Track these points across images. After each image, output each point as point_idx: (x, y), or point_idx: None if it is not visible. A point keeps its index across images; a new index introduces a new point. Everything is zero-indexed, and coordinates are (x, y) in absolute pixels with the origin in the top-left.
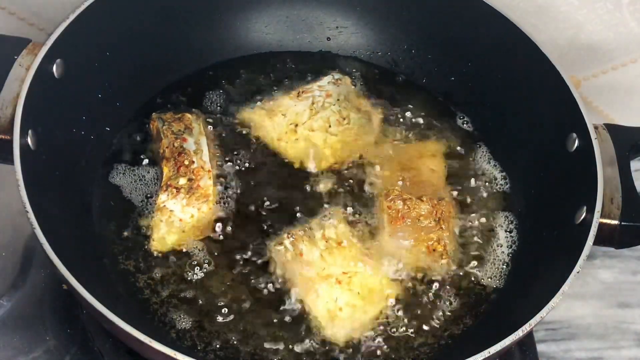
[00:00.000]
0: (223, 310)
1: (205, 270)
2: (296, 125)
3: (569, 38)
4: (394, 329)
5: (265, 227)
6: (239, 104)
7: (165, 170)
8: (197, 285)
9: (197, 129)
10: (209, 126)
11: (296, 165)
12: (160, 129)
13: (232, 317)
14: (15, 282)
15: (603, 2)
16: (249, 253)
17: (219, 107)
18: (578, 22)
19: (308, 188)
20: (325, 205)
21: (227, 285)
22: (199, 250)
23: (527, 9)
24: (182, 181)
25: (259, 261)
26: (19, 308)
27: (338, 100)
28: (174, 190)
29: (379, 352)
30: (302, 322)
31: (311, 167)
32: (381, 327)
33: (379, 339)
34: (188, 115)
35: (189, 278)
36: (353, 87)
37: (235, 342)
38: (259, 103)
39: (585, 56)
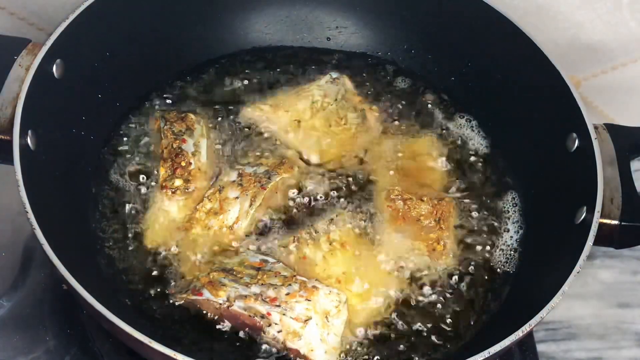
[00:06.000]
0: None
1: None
2: (299, 122)
3: (569, 38)
4: (393, 329)
5: (268, 228)
6: (239, 103)
7: (162, 170)
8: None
9: (198, 130)
10: (212, 127)
11: (300, 157)
12: (161, 129)
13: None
14: (15, 283)
15: (603, 2)
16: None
17: (219, 107)
18: (578, 22)
19: (311, 188)
20: (328, 207)
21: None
22: None
23: (527, 9)
24: (178, 182)
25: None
26: (19, 308)
27: (336, 100)
28: (169, 191)
29: (378, 351)
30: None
31: (314, 159)
32: (380, 327)
33: (378, 338)
34: (191, 115)
35: (189, 274)
36: (351, 86)
37: (234, 341)
38: (260, 104)
39: (585, 56)
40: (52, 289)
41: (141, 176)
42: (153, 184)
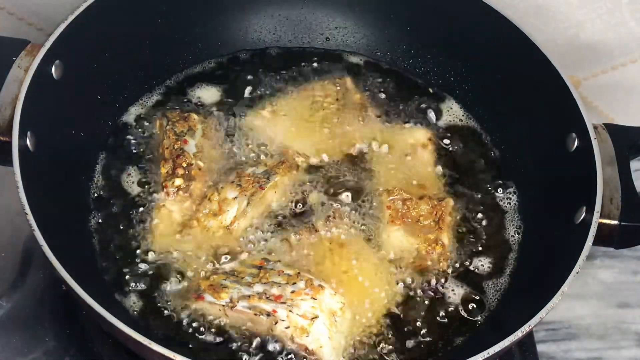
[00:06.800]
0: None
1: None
2: (299, 122)
3: (569, 38)
4: (393, 328)
5: (266, 228)
6: (239, 105)
7: (163, 170)
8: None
9: (200, 131)
10: (213, 128)
11: (300, 157)
12: (163, 128)
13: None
14: (14, 283)
15: (603, 2)
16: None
17: (219, 108)
18: (578, 22)
19: (311, 188)
20: (327, 207)
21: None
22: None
23: (527, 9)
24: (179, 182)
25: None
26: (18, 309)
27: (337, 100)
28: (170, 191)
29: (380, 350)
30: None
31: (314, 159)
32: (381, 326)
33: (379, 337)
34: (194, 115)
35: (189, 275)
36: (352, 86)
37: (234, 342)
38: (259, 104)
39: (585, 56)
40: (52, 289)
41: (142, 177)
42: (154, 184)
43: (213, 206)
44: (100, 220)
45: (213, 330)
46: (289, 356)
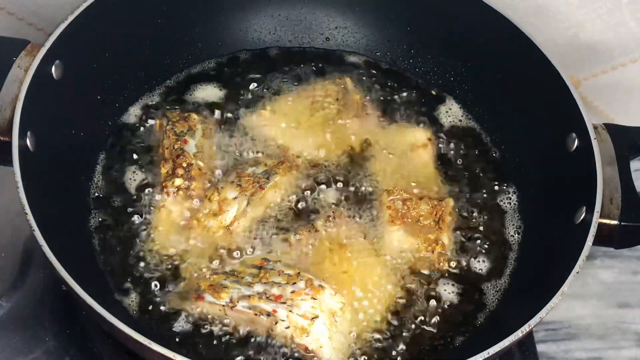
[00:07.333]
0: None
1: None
2: (299, 122)
3: (569, 38)
4: (393, 328)
5: (266, 228)
6: (239, 105)
7: (163, 170)
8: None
9: (200, 131)
10: (213, 128)
11: (299, 157)
12: (163, 128)
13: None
14: (14, 283)
15: (603, 2)
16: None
17: (219, 108)
18: (578, 22)
19: (311, 188)
20: (327, 207)
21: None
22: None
23: (527, 9)
24: (178, 182)
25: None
26: (18, 309)
27: (337, 100)
28: (171, 191)
29: (380, 351)
30: None
31: (313, 159)
32: (381, 326)
33: (378, 338)
34: (194, 115)
35: (189, 275)
36: (352, 86)
37: (235, 342)
38: (259, 104)
39: (585, 56)
40: (52, 289)
41: (141, 177)
42: (154, 184)
43: (213, 206)
44: (100, 220)
45: (213, 330)
46: (289, 356)
